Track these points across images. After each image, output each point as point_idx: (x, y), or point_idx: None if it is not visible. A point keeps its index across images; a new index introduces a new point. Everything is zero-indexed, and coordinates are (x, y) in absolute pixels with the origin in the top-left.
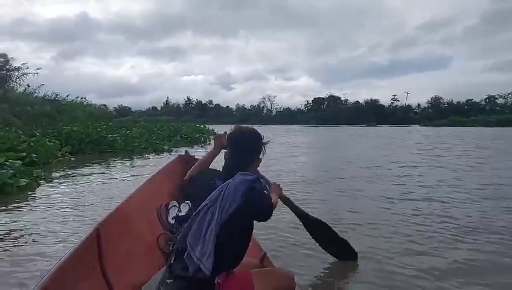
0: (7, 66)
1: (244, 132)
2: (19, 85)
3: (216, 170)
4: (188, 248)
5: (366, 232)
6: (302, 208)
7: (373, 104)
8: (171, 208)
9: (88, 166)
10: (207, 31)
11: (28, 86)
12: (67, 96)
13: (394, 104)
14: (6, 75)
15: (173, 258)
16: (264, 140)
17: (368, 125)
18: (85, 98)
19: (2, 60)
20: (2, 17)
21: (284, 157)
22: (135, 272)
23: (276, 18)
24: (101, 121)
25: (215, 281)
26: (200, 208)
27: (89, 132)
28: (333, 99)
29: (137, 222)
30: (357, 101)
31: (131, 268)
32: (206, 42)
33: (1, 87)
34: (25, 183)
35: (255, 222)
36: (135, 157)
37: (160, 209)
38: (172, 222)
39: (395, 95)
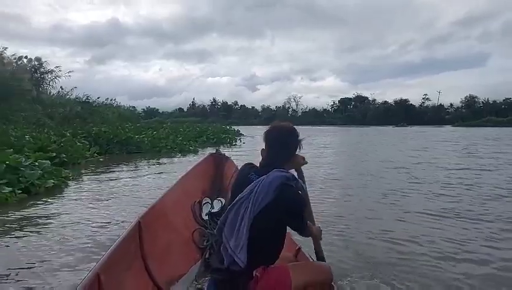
0: (41, 69)
1: (280, 128)
2: (52, 87)
3: (253, 166)
4: (224, 241)
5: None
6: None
7: (402, 104)
8: (204, 204)
9: (116, 167)
10: (233, 33)
11: (62, 88)
12: (98, 98)
13: (425, 104)
14: (40, 77)
15: (208, 253)
16: (300, 137)
17: (397, 126)
18: (115, 99)
19: (37, 63)
20: (41, 24)
21: (312, 157)
22: (173, 264)
23: (304, 17)
24: (130, 122)
25: (253, 274)
26: (234, 201)
27: (117, 133)
28: (360, 100)
29: (174, 217)
30: (386, 101)
31: (169, 260)
32: (232, 43)
33: (35, 89)
34: (52, 184)
35: None
36: (162, 157)
37: (194, 205)
38: (206, 218)
39: (426, 95)
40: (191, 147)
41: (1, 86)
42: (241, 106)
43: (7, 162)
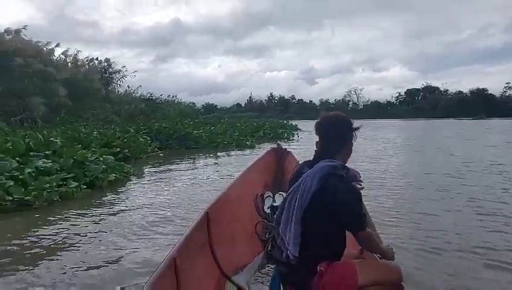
0: (110, 70)
1: (330, 117)
2: (119, 86)
3: (308, 160)
4: (281, 234)
5: None
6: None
7: (480, 94)
8: (266, 198)
9: (174, 161)
10: (291, 26)
11: (128, 87)
12: (160, 95)
13: (507, 94)
14: (109, 77)
15: (270, 245)
16: (355, 125)
17: (474, 118)
18: (176, 96)
19: (106, 64)
20: (111, 28)
21: (378, 156)
22: (237, 254)
23: (365, 4)
24: (189, 118)
25: (318, 269)
26: (286, 195)
27: (176, 128)
28: (430, 90)
29: (238, 209)
30: (460, 91)
31: (234, 250)
32: (290, 37)
33: (104, 88)
34: (114, 178)
35: None
36: (219, 152)
37: (257, 198)
38: (268, 211)
39: (508, 83)
40: (247, 142)
41: (75, 87)
42: (298, 100)
43: (75, 157)
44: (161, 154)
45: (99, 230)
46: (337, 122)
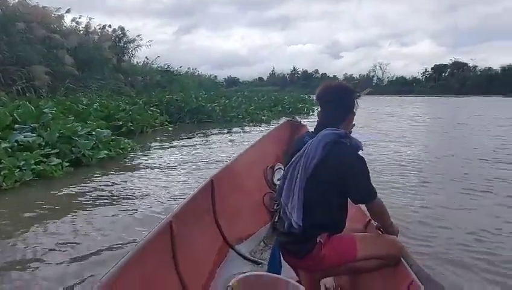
0: (124, 39)
1: (330, 86)
2: (134, 56)
3: (310, 131)
4: (283, 204)
5: None
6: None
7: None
8: (277, 169)
9: (183, 137)
10: None
11: (147, 58)
12: (180, 67)
13: None
14: (123, 47)
15: (278, 216)
16: (358, 93)
17: (506, 96)
18: (196, 69)
19: (120, 32)
20: None
21: (401, 136)
22: (243, 223)
23: None
24: (212, 91)
25: (317, 240)
26: (289, 164)
27: (188, 101)
28: (458, 66)
29: (246, 179)
30: (490, 68)
31: (239, 219)
32: (316, 8)
33: (118, 58)
34: (105, 155)
35: None
36: (232, 127)
37: (267, 170)
38: (278, 183)
39: None
40: (263, 117)
41: (83, 55)
42: (321, 74)
43: (62, 131)
44: (170, 129)
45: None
46: (340, 91)
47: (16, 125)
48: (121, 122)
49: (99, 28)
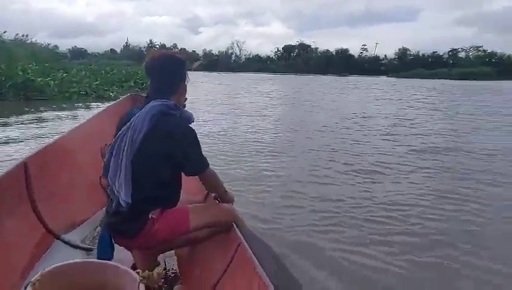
0: None
1: (160, 55)
2: None
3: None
4: (110, 183)
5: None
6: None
7: (343, 54)
8: None
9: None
10: None
11: None
12: (4, 32)
13: (363, 55)
14: None
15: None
16: (187, 65)
17: (340, 75)
18: (27, 36)
19: None
20: None
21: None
22: (75, 208)
23: None
24: (49, 63)
25: (149, 216)
26: (115, 139)
27: (11, 74)
28: (303, 47)
29: (79, 158)
30: (327, 50)
31: (70, 204)
32: None
33: None
34: None
35: None
36: (69, 106)
37: (104, 148)
38: None
39: (364, 45)
40: (111, 93)
41: None
42: (181, 49)
43: None
44: None
45: None
46: (169, 61)
47: None
48: None
49: None
